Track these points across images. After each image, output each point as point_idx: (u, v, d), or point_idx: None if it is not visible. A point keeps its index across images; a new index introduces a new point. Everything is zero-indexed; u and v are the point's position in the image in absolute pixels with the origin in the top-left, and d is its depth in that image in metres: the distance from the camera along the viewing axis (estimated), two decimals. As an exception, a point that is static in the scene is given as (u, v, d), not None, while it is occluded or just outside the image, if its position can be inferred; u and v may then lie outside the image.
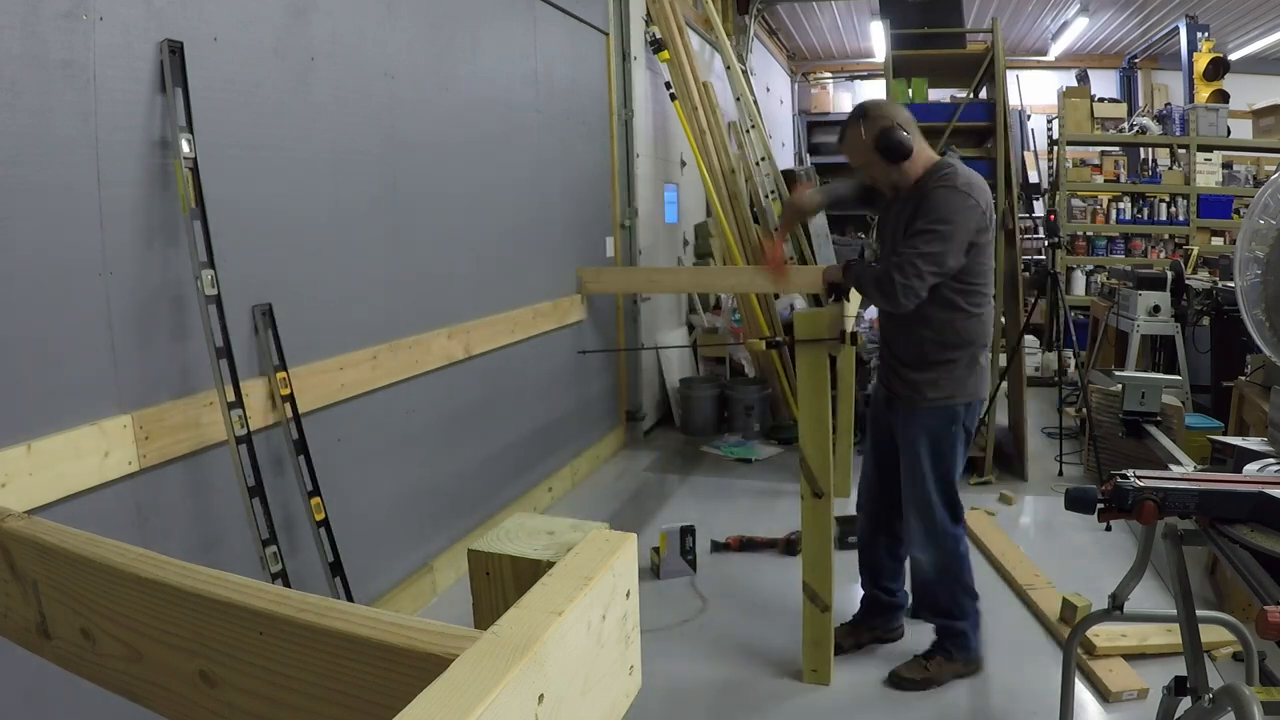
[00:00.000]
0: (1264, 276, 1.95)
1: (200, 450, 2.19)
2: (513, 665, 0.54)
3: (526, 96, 4.01)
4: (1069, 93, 8.29)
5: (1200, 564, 3.18)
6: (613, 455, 5.15)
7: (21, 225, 1.75)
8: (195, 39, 2.16)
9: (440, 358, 3.25)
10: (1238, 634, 2.00)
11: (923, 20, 5.61)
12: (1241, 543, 1.47)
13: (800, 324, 2.56)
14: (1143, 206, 7.74)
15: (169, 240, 2.10)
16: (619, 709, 0.70)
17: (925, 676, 2.64)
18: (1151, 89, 10.65)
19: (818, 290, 4.13)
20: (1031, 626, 3.01)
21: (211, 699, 0.73)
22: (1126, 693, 2.51)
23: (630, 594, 0.72)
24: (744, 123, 6.18)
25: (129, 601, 0.76)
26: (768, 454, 5.11)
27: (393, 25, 2.97)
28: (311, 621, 0.66)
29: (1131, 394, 2.27)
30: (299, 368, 2.51)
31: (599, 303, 4.91)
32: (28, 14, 1.75)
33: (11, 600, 0.85)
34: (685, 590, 3.34)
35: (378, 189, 2.92)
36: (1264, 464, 1.74)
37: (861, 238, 8.81)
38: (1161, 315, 5.17)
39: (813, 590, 2.61)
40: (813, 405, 2.55)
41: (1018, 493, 4.34)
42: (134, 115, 2.01)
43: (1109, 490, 1.57)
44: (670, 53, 5.34)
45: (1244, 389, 3.48)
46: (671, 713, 2.55)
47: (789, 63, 11.17)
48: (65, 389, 1.85)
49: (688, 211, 6.40)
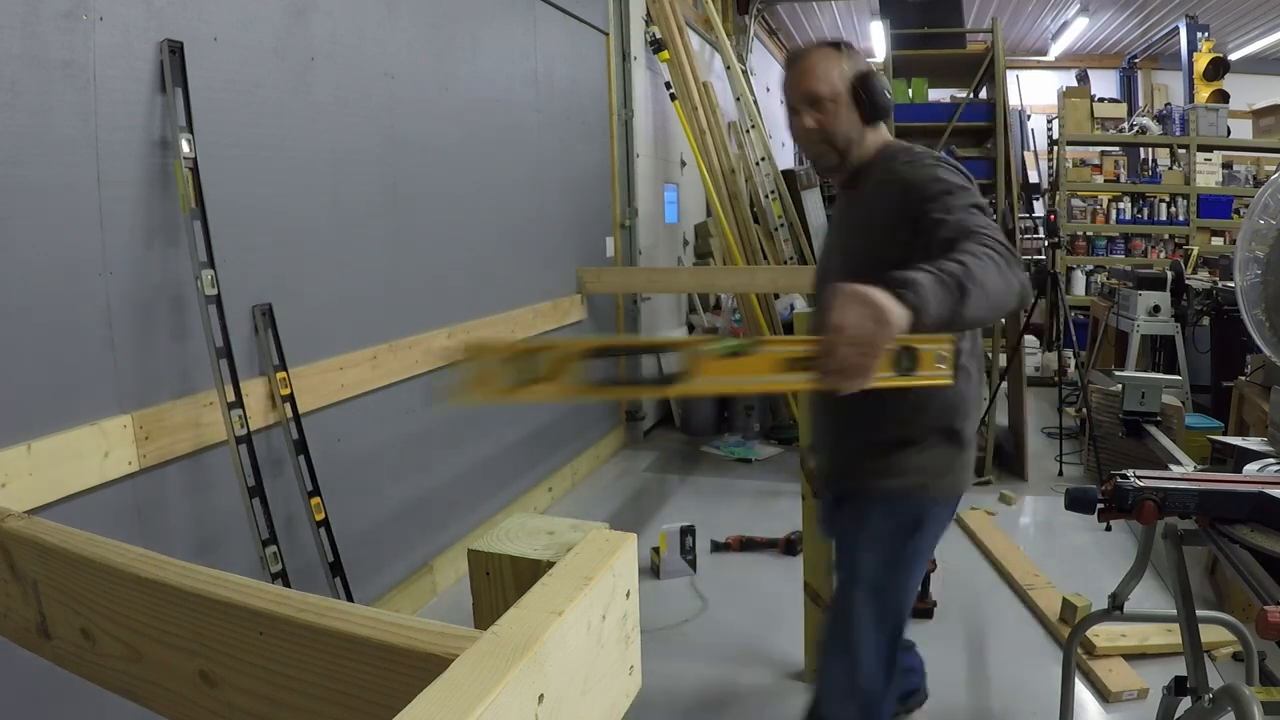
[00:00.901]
0: (1264, 276, 1.96)
1: (200, 450, 2.19)
2: (513, 665, 0.54)
3: (526, 96, 4.01)
4: (1069, 93, 8.29)
5: (1200, 564, 3.18)
6: (613, 455, 5.15)
7: (22, 225, 1.75)
8: (195, 39, 2.15)
9: (441, 357, 3.25)
10: (1238, 634, 2.00)
11: (923, 20, 5.62)
12: (1241, 543, 1.48)
13: (800, 324, 2.57)
14: (1143, 206, 7.74)
15: (169, 240, 2.10)
16: (619, 709, 0.70)
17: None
18: (1151, 89, 10.65)
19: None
20: (1032, 626, 3.00)
21: (211, 699, 0.73)
22: (1127, 692, 2.51)
23: (630, 594, 0.72)
24: (744, 123, 6.18)
25: (129, 601, 0.76)
26: (768, 454, 5.11)
27: (393, 25, 2.97)
28: (311, 621, 0.66)
29: (1131, 394, 2.27)
30: (299, 368, 2.51)
31: (599, 303, 4.91)
32: (28, 14, 1.75)
33: (11, 600, 0.85)
34: (685, 590, 3.34)
35: (378, 189, 2.92)
36: (1264, 464, 1.74)
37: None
38: (1161, 315, 5.16)
39: (814, 590, 2.61)
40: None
41: (1018, 493, 4.34)
42: (134, 115, 2.01)
43: (1109, 490, 1.57)
44: (670, 53, 5.34)
45: (1244, 389, 3.49)
46: (671, 713, 2.55)
47: (789, 63, 11.17)
48: (65, 389, 1.85)
49: (688, 211, 6.40)
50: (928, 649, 2.87)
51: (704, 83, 5.65)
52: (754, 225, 5.67)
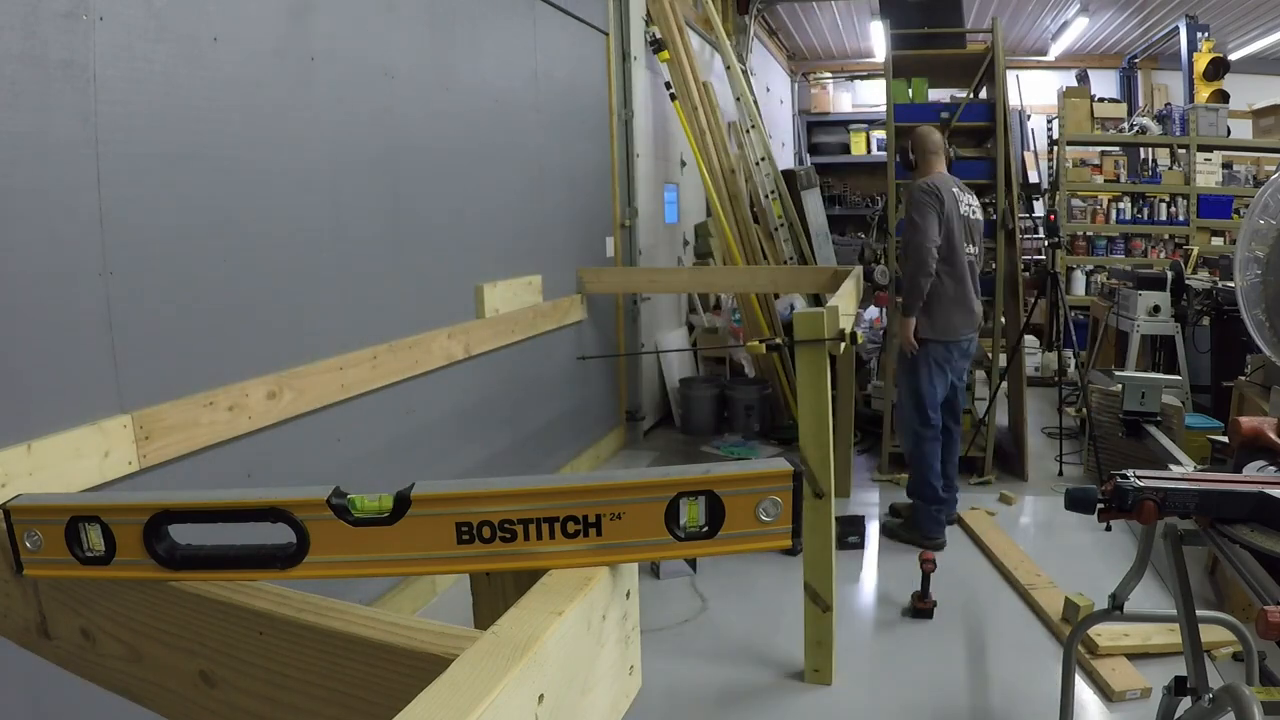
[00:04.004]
0: (1264, 276, 1.96)
1: (200, 450, 2.19)
2: (513, 665, 0.54)
3: (526, 96, 4.01)
4: (1069, 93, 8.29)
5: (1200, 564, 3.18)
6: (613, 455, 5.15)
7: (21, 225, 1.75)
8: (195, 39, 2.16)
9: (440, 358, 3.25)
10: (1238, 634, 2.00)
11: (923, 20, 5.61)
12: (1241, 543, 1.47)
13: (800, 324, 2.56)
14: (1143, 206, 7.74)
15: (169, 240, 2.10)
16: (619, 709, 0.70)
17: (895, 527, 3.83)
18: (1151, 89, 10.64)
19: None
20: (1033, 626, 3.00)
21: (211, 699, 0.73)
22: (1129, 692, 2.51)
23: (630, 594, 0.72)
24: (744, 123, 6.18)
25: (129, 601, 0.76)
26: (768, 454, 5.11)
27: (393, 25, 2.97)
28: (311, 621, 0.66)
29: (1131, 394, 2.27)
30: (299, 367, 2.51)
31: (599, 302, 4.91)
32: (28, 14, 1.75)
33: (11, 600, 0.85)
34: (685, 590, 3.34)
35: (378, 188, 2.92)
36: (1264, 464, 1.74)
37: (861, 238, 8.81)
38: (1161, 315, 5.16)
39: (814, 590, 2.61)
40: (813, 405, 2.54)
41: (1018, 493, 4.34)
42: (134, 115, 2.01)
43: (1109, 490, 1.57)
44: (670, 53, 5.34)
45: (1244, 389, 3.49)
46: (671, 713, 2.55)
47: (789, 63, 11.17)
48: (65, 389, 1.85)
49: (688, 211, 6.40)
50: (928, 649, 2.89)
51: (704, 83, 5.65)
52: (754, 225, 5.67)
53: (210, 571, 0.71)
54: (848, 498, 4.34)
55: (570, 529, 0.66)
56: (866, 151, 10.72)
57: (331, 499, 0.69)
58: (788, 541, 0.69)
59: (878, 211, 8.91)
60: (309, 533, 0.69)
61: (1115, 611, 1.96)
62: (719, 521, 0.67)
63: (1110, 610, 1.97)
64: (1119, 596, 1.95)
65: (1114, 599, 1.96)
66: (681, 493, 0.67)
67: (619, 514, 0.66)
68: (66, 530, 0.72)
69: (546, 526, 0.67)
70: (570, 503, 0.67)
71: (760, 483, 0.67)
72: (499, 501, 0.67)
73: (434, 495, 0.68)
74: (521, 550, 0.67)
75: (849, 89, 11.41)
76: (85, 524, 0.71)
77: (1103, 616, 2.00)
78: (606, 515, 0.66)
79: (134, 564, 0.71)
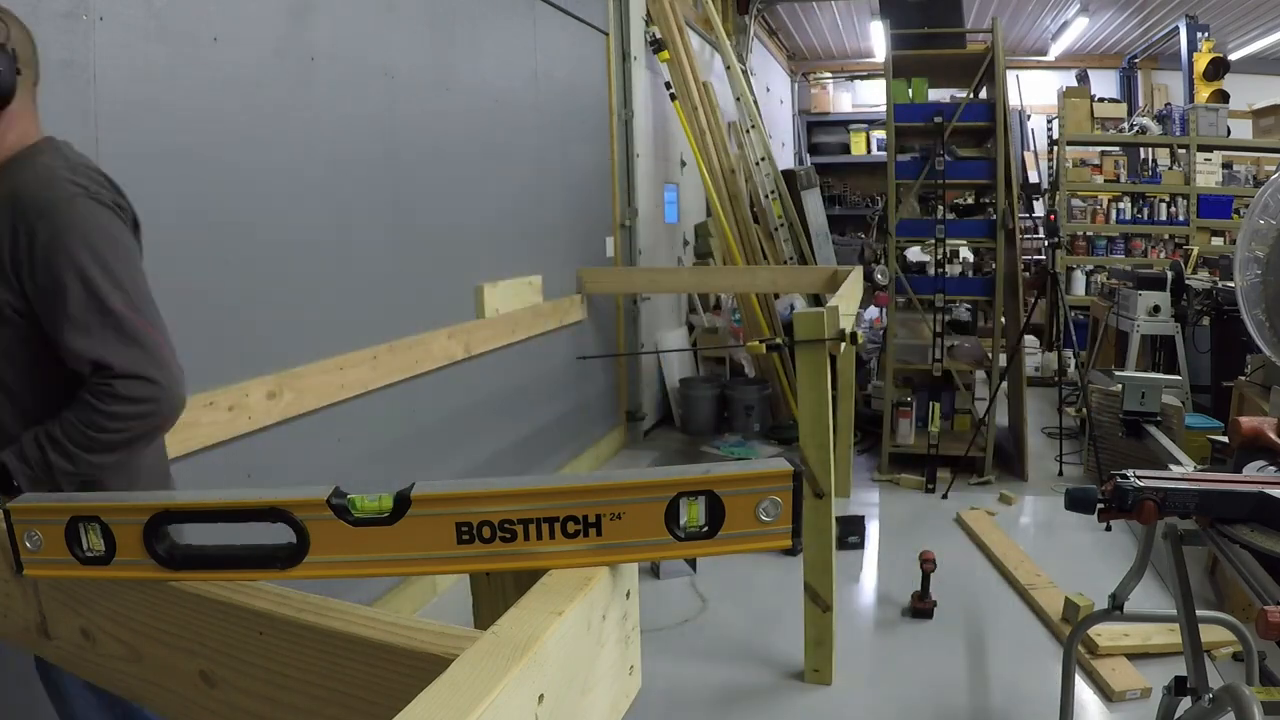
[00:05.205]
0: (1264, 276, 1.96)
1: (200, 450, 2.19)
2: (513, 665, 0.54)
3: (527, 96, 4.01)
4: (1069, 93, 8.29)
5: (1200, 564, 3.18)
6: (613, 455, 5.15)
7: (21, 225, 1.75)
8: (195, 38, 2.15)
9: (441, 358, 3.25)
10: (1238, 634, 2.00)
11: (923, 20, 5.62)
12: (1241, 543, 1.47)
13: (800, 324, 2.56)
14: (1143, 206, 7.73)
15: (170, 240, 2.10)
16: (619, 709, 0.70)
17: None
18: (1151, 89, 10.64)
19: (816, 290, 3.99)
20: (1033, 625, 3.00)
21: (211, 699, 0.73)
22: (1130, 692, 2.51)
23: (630, 594, 0.72)
24: (744, 123, 6.18)
25: (129, 601, 0.76)
26: (768, 454, 5.11)
27: (393, 26, 2.97)
28: (311, 621, 0.66)
29: (1131, 394, 2.27)
30: (299, 367, 2.51)
31: (599, 302, 4.91)
32: (28, 14, 1.74)
33: (11, 600, 0.85)
34: (685, 590, 3.34)
35: (378, 189, 2.91)
36: (1264, 464, 1.74)
37: (861, 238, 8.81)
38: (1161, 315, 5.16)
39: (814, 590, 2.61)
40: (813, 405, 2.55)
41: (1018, 493, 4.34)
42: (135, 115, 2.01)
43: (1109, 490, 1.57)
44: (670, 53, 5.34)
45: (1244, 389, 3.49)
46: (671, 713, 2.55)
47: (789, 63, 11.17)
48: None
49: (688, 211, 6.40)
50: (928, 649, 2.88)
51: (704, 83, 5.65)
52: (754, 225, 5.67)
53: (210, 571, 0.72)
54: (848, 498, 4.34)
55: (570, 529, 0.67)
56: (866, 151, 10.72)
57: (331, 499, 0.69)
58: (788, 541, 0.69)
59: (878, 211, 8.91)
60: (309, 533, 0.69)
61: (1115, 611, 1.96)
62: (719, 521, 0.67)
63: (1110, 610, 1.97)
64: (1119, 596, 1.95)
65: (1114, 599, 1.96)
66: (681, 493, 0.67)
67: (619, 514, 0.67)
68: (66, 530, 0.72)
69: (546, 526, 0.67)
70: (570, 503, 0.67)
71: (760, 483, 0.67)
72: (499, 501, 0.67)
73: (434, 495, 0.68)
74: (521, 550, 0.67)
75: (849, 89, 11.41)
76: (85, 524, 0.72)
77: (1103, 616, 2.00)
78: (606, 515, 0.67)
79: (134, 564, 0.72)
